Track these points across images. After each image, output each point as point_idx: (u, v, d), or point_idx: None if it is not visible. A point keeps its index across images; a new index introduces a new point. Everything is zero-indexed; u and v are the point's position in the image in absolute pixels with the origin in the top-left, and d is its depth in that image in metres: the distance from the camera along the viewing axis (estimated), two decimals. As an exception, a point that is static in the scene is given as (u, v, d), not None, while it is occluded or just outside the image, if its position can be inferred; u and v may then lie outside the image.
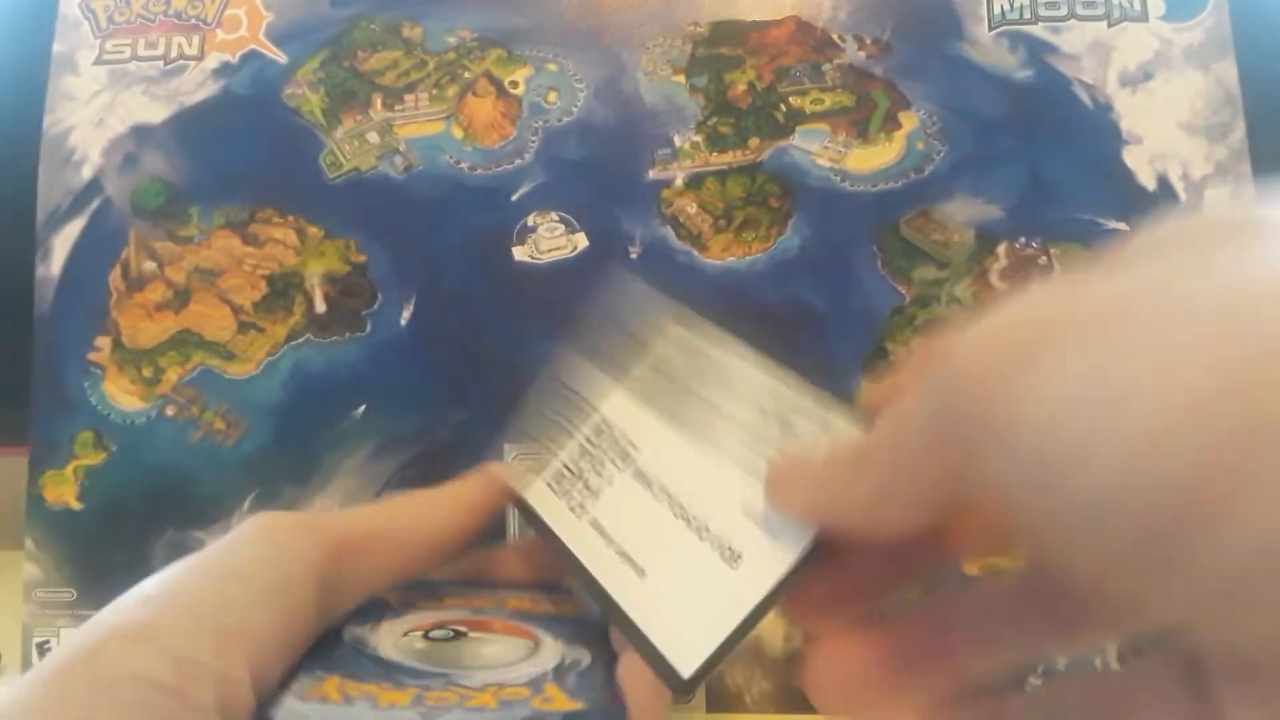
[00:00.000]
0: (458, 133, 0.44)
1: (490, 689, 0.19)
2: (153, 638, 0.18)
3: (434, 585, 0.25)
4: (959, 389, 0.13)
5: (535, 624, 0.22)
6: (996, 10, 0.44)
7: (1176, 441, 0.11)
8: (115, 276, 0.44)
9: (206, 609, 0.19)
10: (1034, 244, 0.42)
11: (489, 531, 0.24)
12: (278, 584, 0.20)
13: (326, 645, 0.21)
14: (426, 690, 0.19)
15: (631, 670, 0.20)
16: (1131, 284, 0.12)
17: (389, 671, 0.20)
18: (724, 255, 0.43)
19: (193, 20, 0.46)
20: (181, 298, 0.44)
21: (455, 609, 0.23)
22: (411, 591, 0.25)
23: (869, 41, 0.44)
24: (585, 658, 0.21)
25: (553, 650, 0.21)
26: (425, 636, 0.22)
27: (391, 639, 0.22)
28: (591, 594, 0.21)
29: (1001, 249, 0.42)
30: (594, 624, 0.23)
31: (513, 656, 0.21)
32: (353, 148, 0.44)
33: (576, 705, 0.18)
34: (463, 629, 0.22)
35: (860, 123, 0.43)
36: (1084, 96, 0.43)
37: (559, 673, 0.19)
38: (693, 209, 0.43)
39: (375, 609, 0.23)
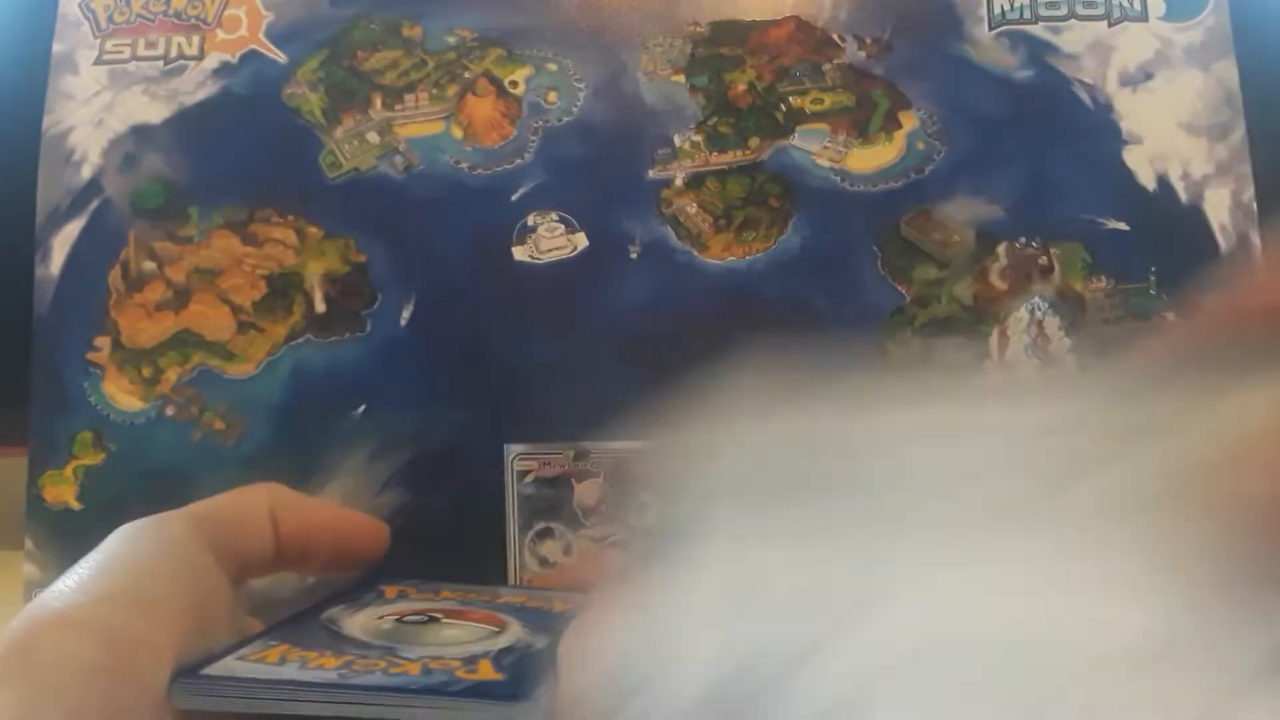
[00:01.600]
0: (457, 132, 0.44)
1: (424, 660, 0.19)
2: (78, 621, 0.19)
3: (437, 581, 0.25)
4: None
5: (515, 615, 0.22)
6: (997, 10, 0.44)
7: None
8: (115, 276, 0.44)
9: (122, 588, 0.20)
10: (1034, 244, 0.42)
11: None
12: (171, 559, 0.22)
13: (297, 622, 0.22)
14: (361, 659, 0.19)
15: (573, 643, 0.20)
16: None
17: (338, 643, 0.20)
18: (724, 255, 0.43)
19: (192, 20, 0.46)
20: (181, 298, 0.44)
21: (446, 601, 0.24)
22: (410, 584, 0.25)
23: (869, 41, 0.44)
24: (542, 642, 0.21)
25: (512, 635, 0.21)
26: (399, 620, 0.22)
27: (364, 620, 0.22)
28: None
29: (1002, 249, 0.42)
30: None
31: (468, 638, 0.21)
32: (352, 148, 0.44)
33: (494, 676, 0.18)
34: (438, 615, 0.22)
35: (860, 122, 0.44)
36: (1084, 96, 0.43)
37: (503, 653, 0.19)
38: (693, 209, 0.43)
39: (366, 595, 0.23)
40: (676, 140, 0.44)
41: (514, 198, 0.43)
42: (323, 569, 0.25)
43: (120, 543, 0.22)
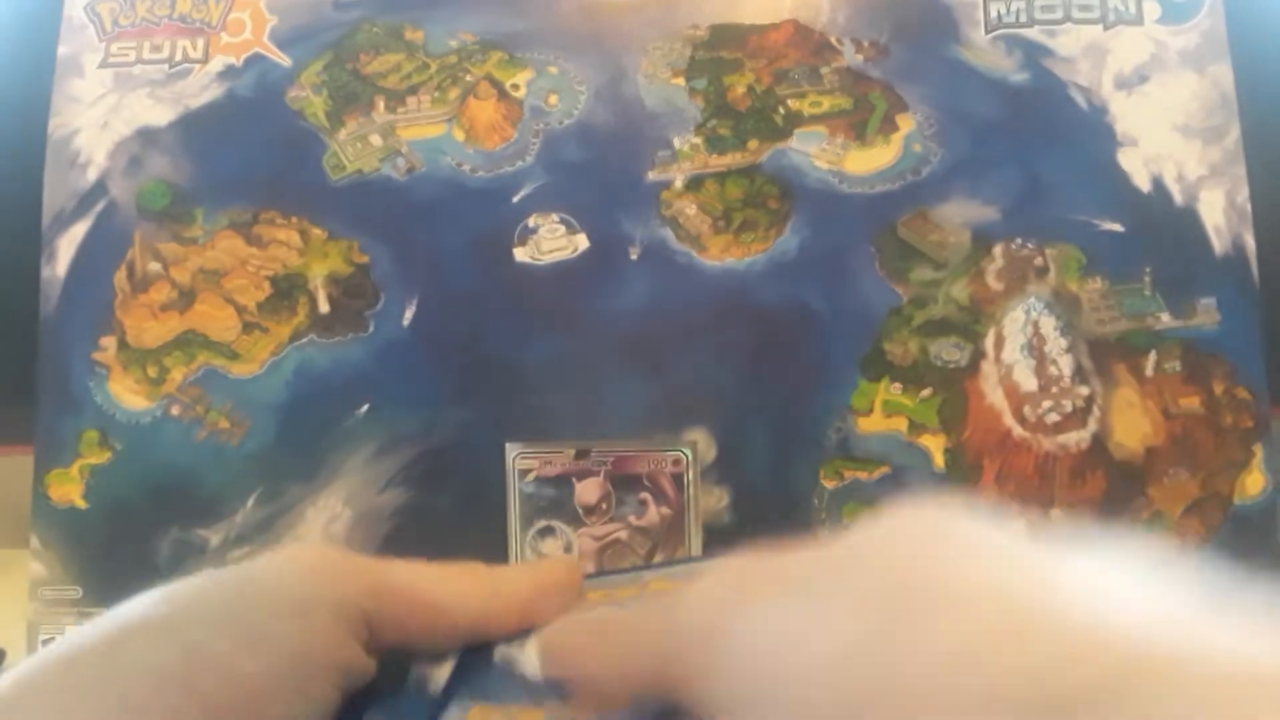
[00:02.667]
0: (459, 135, 0.45)
1: None
2: (162, 625, 0.18)
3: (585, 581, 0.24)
4: (686, 631, 0.16)
5: None
6: (993, 14, 0.44)
7: (826, 681, 0.13)
8: (120, 277, 0.45)
9: (224, 609, 0.19)
10: (1030, 245, 0.42)
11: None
12: (298, 604, 0.20)
13: (478, 668, 0.21)
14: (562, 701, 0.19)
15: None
16: (818, 556, 0.15)
17: (531, 690, 0.20)
18: (723, 256, 0.43)
19: (197, 24, 0.46)
20: (186, 298, 0.44)
21: (600, 605, 0.23)
22: None
23: (866, 45, 0.44)
24: None
25: None
26: None
27: (534, 648, 0.21)
28: None
29: (998, 250, 0.42)
30: None
31: None
32: (355, 150, 0.45)
33: None
34: None
35: (858, 125, 0.44)
36: (1079, 99, 0.44)
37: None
38: (692, 210, 0.43)
39: None
40: (676, 143, 0.44)
41: (515, 199, 0.44)
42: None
43: (263, 567, 0.21)
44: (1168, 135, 0.43)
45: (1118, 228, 0.42)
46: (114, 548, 0.43)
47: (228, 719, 0.17)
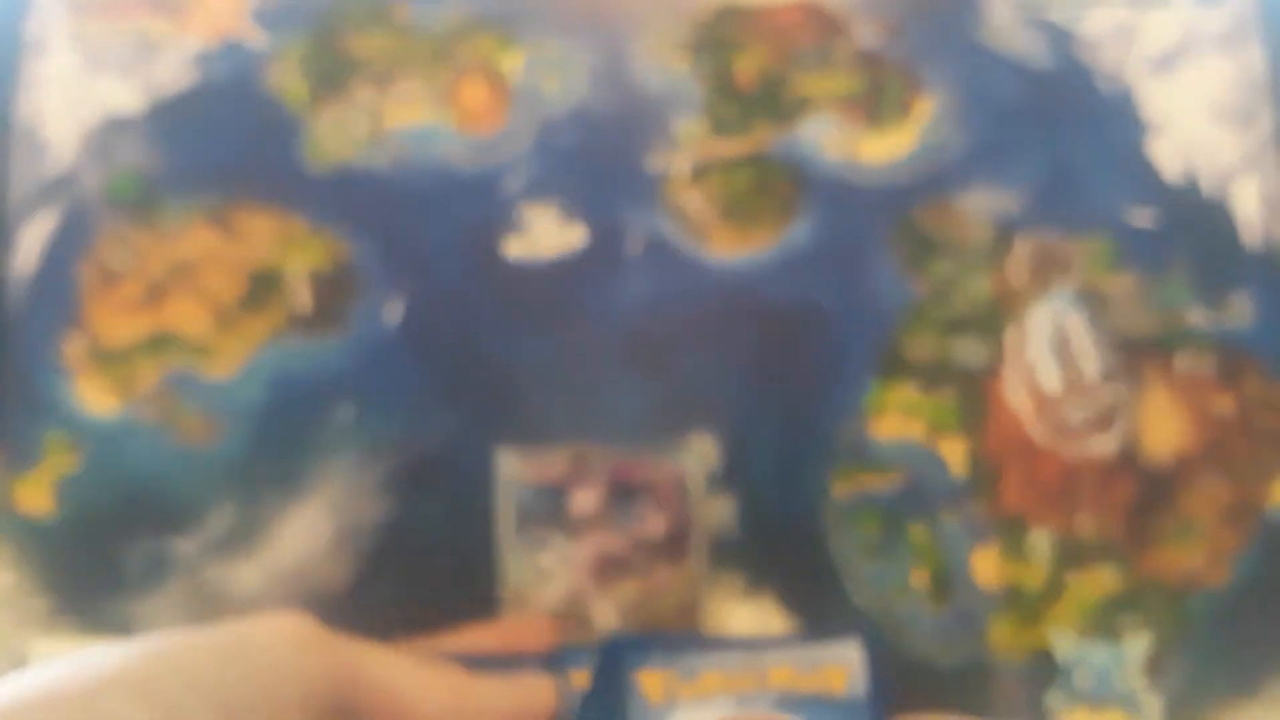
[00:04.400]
0: (449, 120, 0.44)
1: None
2: (144, 690, 0.19)
3: (690, 658, 0.23)
4: None
5: (804, 714, 0.21)
6: (1015, -8, 0.44)
7: None
8: (88, 272, 0.43)
9: (205, 675, 0.20)
10: (1054, 237, 0.42)
11: None
12: (280, 678, 0.21)
13: None
14: None
15: None
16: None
17: None
18: (728, 250, 0.42)
19: (171, 3, 0.45)
20: (157, 294, 0.43)
21: (717, 697, 0.22)
22: (661, 667, 0.23)
23: (882, 25, 0.44)
24: None
25: None
26: None
27: None
28: None
29: (1020, 243, 0.42)
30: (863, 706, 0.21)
31: None
32: (338, 137, 0.44)
33: None
34: None
35: (872, 110, 0.43)
36: (1106, 84, 0.43)
37: None
38: (696, 200, 0.43)
39: (617, 692, 0.22)
40: (679, 128, 0.43)
41: (508, 189, 0.43)
42: None
43: (250, 636, 0.22)
44: (1198, 122, 0.43)
45: (1146, 219, 0.42)
46: (84, 557, 0.42)
47: None
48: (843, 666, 0.21)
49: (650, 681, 0.23)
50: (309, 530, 0.42)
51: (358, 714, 0.22)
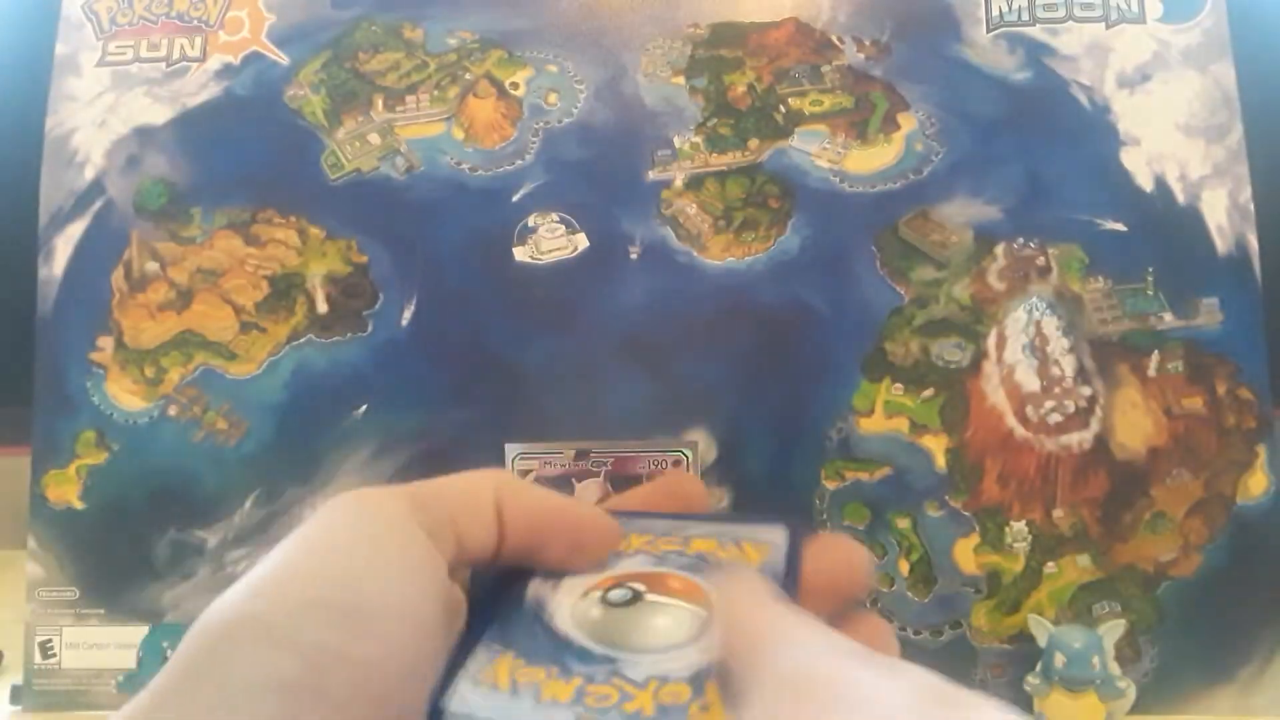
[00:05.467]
0: (459, 134, 0.44)
1: (652, 684, 0.18)
2: (273, 630, 0.17)
3: (623, 518, 0.24)
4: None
5: (713, 578, 0.21)
6: (995, 12, 0.44)
7: None
8: (117, 277, 0.44)
9: (323, 592, 0.17)
10: (1032, 244, 0.42)
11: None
12: (385, 551, 0.19)
13: (509, 605, 0.20)
14: (590, 682, 0.18)
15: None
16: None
17: (559, 653, 0.19)
18: (724, 256, 0.43)
19: (195, 22, 0.46)
20: (184, 298, 0.44)
21: (639, 553, 0.22)
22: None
23: (868, 43, 0.44)
24: None
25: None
26: (603, 599, 0.21)
27: (570, 600, 0.21)
28: None
29: (1000, 249, 0.42)
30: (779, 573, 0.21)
31: (682, 635, 0.20)
32: (354, 149, 0.45)
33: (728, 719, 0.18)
34: (640, 587, 0.21)
35: (859, 124, 0.44)
36: (1082, 98, 0.43)
37: (723, 666, 0.19)
38: (693, 209, 0.43)
39: None
40: (676, 141, 0.44)
41: (515, 199, 0.44)
42: (547, 564, 0.22)
43: (329, 531, 0.19)
44: (1170, 134, 0.43)
45: (1120, 227, 0.42)
46: (111, 549, 0.43)
47: (352, 700, 0.17)
48: (764, 545, 0.22)
49: None
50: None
51: (453, 527, 0.20)
